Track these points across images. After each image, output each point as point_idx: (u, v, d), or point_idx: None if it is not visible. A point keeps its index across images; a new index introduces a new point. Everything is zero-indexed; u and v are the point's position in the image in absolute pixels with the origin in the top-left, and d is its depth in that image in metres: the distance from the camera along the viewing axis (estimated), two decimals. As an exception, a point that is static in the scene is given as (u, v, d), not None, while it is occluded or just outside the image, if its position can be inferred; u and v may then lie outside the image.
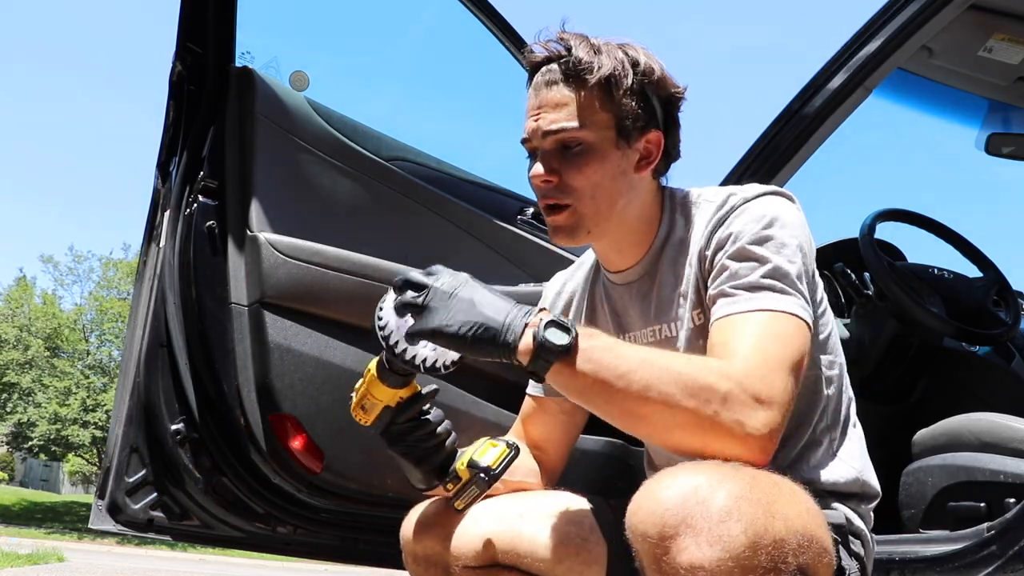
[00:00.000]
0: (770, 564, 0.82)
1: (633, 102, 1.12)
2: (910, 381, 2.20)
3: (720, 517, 0.82)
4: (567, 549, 1.14)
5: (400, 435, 1.11)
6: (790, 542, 0.84)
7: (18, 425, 20.93)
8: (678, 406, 0.91)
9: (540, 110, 1.13)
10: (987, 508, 1.63)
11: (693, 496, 0.83)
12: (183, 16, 1.71)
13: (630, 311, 1.21)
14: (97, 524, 1.68)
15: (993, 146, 2.36)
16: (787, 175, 1.95)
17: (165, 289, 1.70)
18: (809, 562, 0.87)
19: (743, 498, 0.84)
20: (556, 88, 1.12)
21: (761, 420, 0.92)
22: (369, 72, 2.63)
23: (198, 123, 1.74)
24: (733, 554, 0.81)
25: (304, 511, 1.74)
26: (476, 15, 2.13)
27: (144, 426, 1.69)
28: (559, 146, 1.11)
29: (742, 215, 1.08)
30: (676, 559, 0.81)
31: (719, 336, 1.02)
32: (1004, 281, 2.23)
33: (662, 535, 0.82)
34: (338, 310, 1.68)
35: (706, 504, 0.82)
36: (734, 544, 0.81)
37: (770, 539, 0.83)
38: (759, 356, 0.96)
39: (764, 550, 0.82)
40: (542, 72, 1.14)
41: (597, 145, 1.11)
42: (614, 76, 1.10)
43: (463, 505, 1.10)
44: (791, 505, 0.89)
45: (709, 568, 0.80)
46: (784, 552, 0.84)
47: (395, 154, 1.93)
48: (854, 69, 1.83)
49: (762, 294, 1.02)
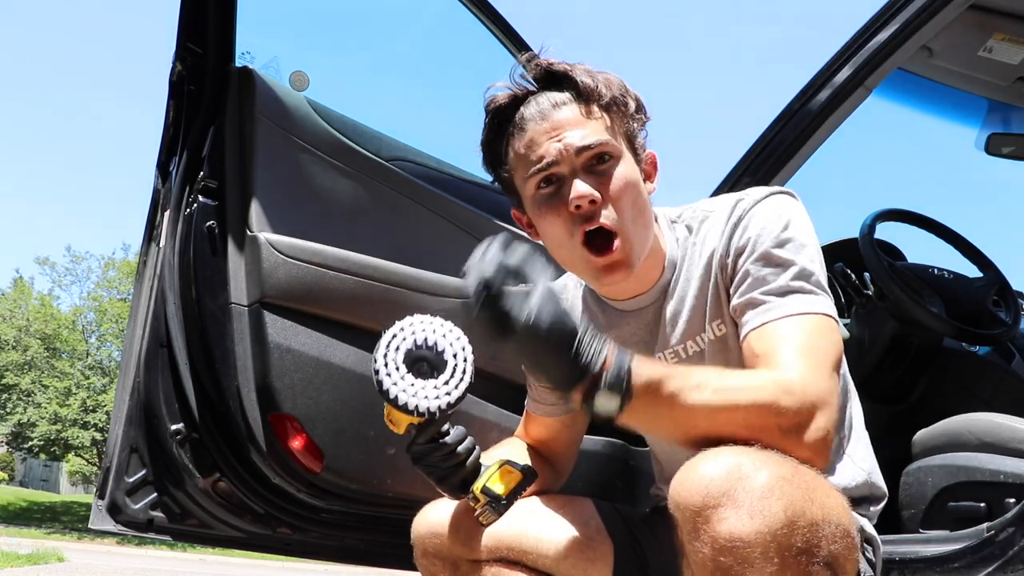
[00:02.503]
0: (804, 545, 0.84)
1: (635, 122, 1.13)
2: (910, 381, 2.20)
3: (762, 493, 0.84)
4: (572, 546, 1.16)
5: (419, 455, 1.09)
6: (825, 529, 0.86)
7: (18, 425, 20.92)
8: (743, 426, 0.92)
9: (559, 131, 1.08)
10: (987, 508, 1.62)
11: (737, 472, 0.85)
12: (183, 16, 1.70)
13: (644, 336, 1.19)
14: (97, 524, 1.68)
15: (993, 146, 2.36)
16: (787, 175, 1.95)
17: (165, 289, 1.70)
18: (839, 553, 0.89)
19: (785, 480, 0.86)
20: (567, 108, 1.09)
21: (821, 425, 0.94)
22: (369, 72, 2.63)
23: (198, 123, 1.74)
24: (772, 529, 0.83)
25: (304, 511, 1.74)
26: (476, 15, 2.13)
27: (144, 426, 1.69)
28: (592, 161, 1.08)
29: (756, 219, 1.08)
30: (716, 528, 0.83)
31: (761, 346, 1.02)
32: (1004, 281, 2.23)
33: (704, 505, 0.84)
34: (338, 310, 1.68)
35: (749, 480, 0.84)
36: (774, 520, 0.83)
37: (807, 521, 0.85)
38: (808, 362, 0.97)
39: (800, 531, 0.84)
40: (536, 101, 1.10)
41: (625, 156, 1.10)
42: (620, 95, 1.11)
43: (485, 523, 1.10)
44: (829, 497, 0.91)
45: (747, 539, 0.82)
46: (819, 537, 0.86)
47: (395, 154, 1.93)
48: (854, 69, 1.83)
49: (793, 297, 1.03)
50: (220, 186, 1.69)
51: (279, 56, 1.91)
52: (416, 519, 1.24)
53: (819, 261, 1.07)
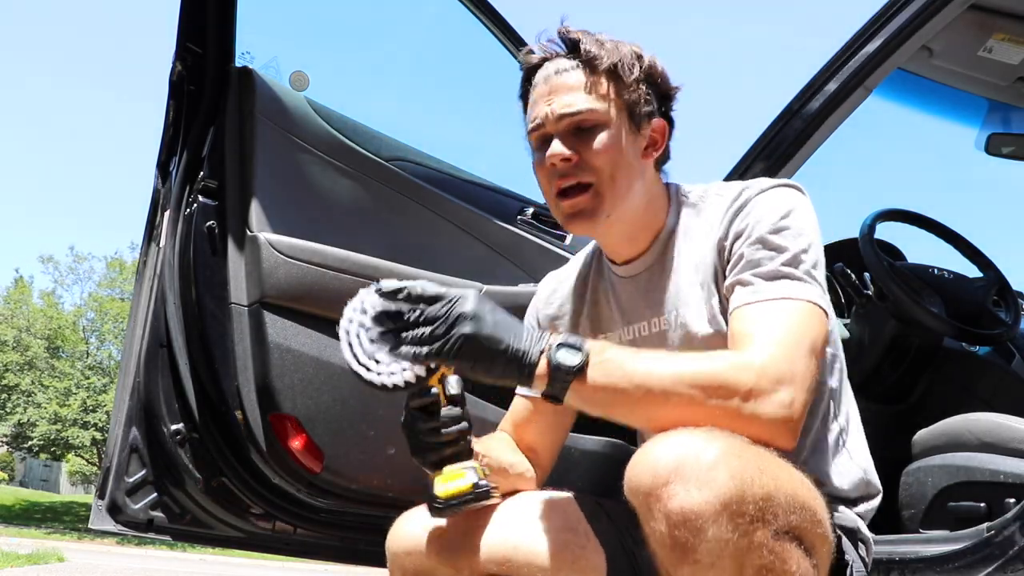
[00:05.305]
0: (758, 514, 0.85)
1: (640, 91, 1.15)
2: (910, 381, 2.20)
3: (709, 466, 0.85)
4: (564, 556, 1.12)
5: (405, 420, 1.08)
6: (779, 499, 0.87)
7: (18, 425, 20.91)
8: (701, 406, 0.94)
9: (552, 95, 1.14)
10: (987, 508, 1.62)
11: (684, 450, 0.86)
12: (183, 16, 1.71)
13: (639, 303, 1.21)
14: (97, 524, 1.68)
15: (993, 146, 2.36)
16: (787, 175, 1.95)
17: (165, 289, 1.70)
18: (801, 525, 0.89)
19: (733, 454, 0.87)
20: (567, 75, 1.15)
21: (784, 400, 0.95)
22: (369, 72, 2.62)
23: (198, 123, 1.74)
24: (721, 498, 0.83)
25: (304, 511, 1.74)
26: (476, 15, 2.13)
27: (144, 426, 1.69)
28: (575, 128, 1.13)
29: (759, 206, 1.10)
30: (668, 505, 0.84)
31: (739, 325, 1.03)
32: (1004, 281, 2.23)
33: (654, 484, 0.86)
34: (338, 310, 1.66)
35: (697, 456, 0.86)
36: (722, 488, 0.84)
37: (759, 490, 0.85)
38: (779, 342, 0.98)
39: (752, 500, 0.85)
40: (547, 66, 1.16)
41: (612, 125, 1.13)
42: (623, 64, 1.14)
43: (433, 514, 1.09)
44: (782, 470, 0.91)
45: (697, 510, 0.83)
46: (774, 507, 0.86)
47: (395, 154, 1.93)
48: (854, 69, 1.83)
49: (780, 283, 1.04)
50: (220, 186, 1.69)
51: (279, 56, 1.91)
52: (389, 535, 1.19)
53: (816, 252, 1.08)
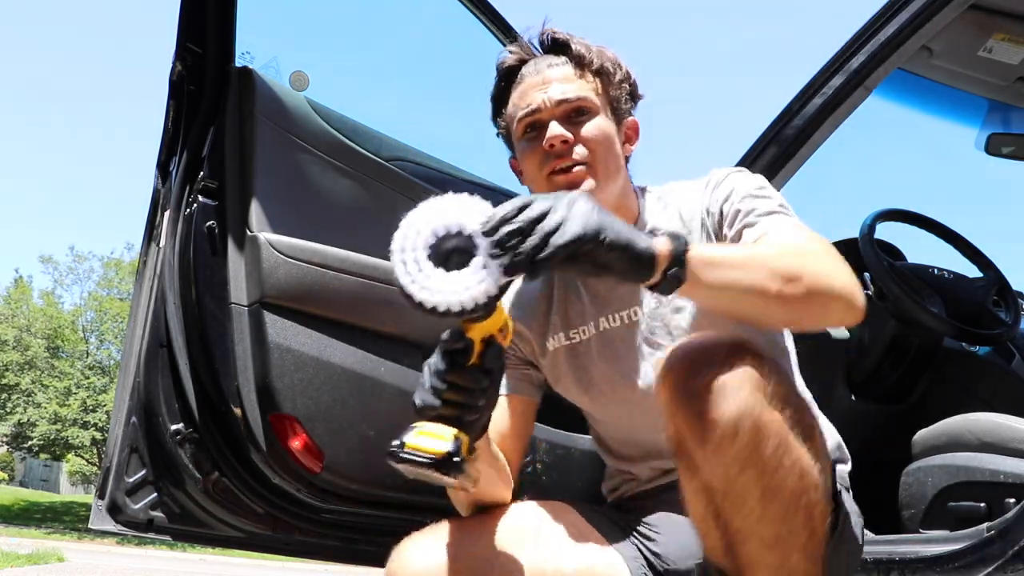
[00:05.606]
0: (777, 391, 0.91)
1: (621, 89, 1.26)
2: (910, 381, 2.20)
3: (736, 355, 0.91)
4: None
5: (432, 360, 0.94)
6: (792, 398, 0.95)
7: (18, 425, 20.91)
8: (803, 268, 1.00)
9: (547, 84, 1.21)
10: (987, 508, 1.63)
11: (714, 346, 0.93)
12: (183, 16, 1.70)
13: (617, 290, 1.24)
14: (97, 524, 1.68)
15: (993, 146, 2.36)
16: (787, 175, 1.95)
17: (165, 289, 1.70)
18: (812, 424, 0.96)
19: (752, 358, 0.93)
20: (559, 68, 1.23)
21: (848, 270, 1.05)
22: (369, 72, 2.63)
23: (198, 123, 1.74)
24: (749, 376, 0.89)
25: (304, 511, 1.74)
26: (476, 15, 2.13)
27: (144, 426, 1.68)
28: (572, 112, 1.20)
29: (732, 178, 1.20)
30: (697, 381, 0.89)
31: (755, 237, 1.11)
32: (1004, 281, 2.23)
33: (684, 364, 0.91)
34: (338, 310, 1.68)
35: (726, 349, 0.92)
36: (749, 369, 0.90)
37: (776, 374, 0.93)
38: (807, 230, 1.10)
39: (773, 379, 0.92)
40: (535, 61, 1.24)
41: (602, 114, 1.22)
42: (610, 65, 1.24)
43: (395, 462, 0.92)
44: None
45: (727, 380, 0.88)
46: (787, 392, 0.94)
47: (395, 154, 1.93)
48: (854, 69, 1.83)
49: (780, 216, 1.13)
50: (220, 186, 1.69)
51: (279, 56, 1.91)
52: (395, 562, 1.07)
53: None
